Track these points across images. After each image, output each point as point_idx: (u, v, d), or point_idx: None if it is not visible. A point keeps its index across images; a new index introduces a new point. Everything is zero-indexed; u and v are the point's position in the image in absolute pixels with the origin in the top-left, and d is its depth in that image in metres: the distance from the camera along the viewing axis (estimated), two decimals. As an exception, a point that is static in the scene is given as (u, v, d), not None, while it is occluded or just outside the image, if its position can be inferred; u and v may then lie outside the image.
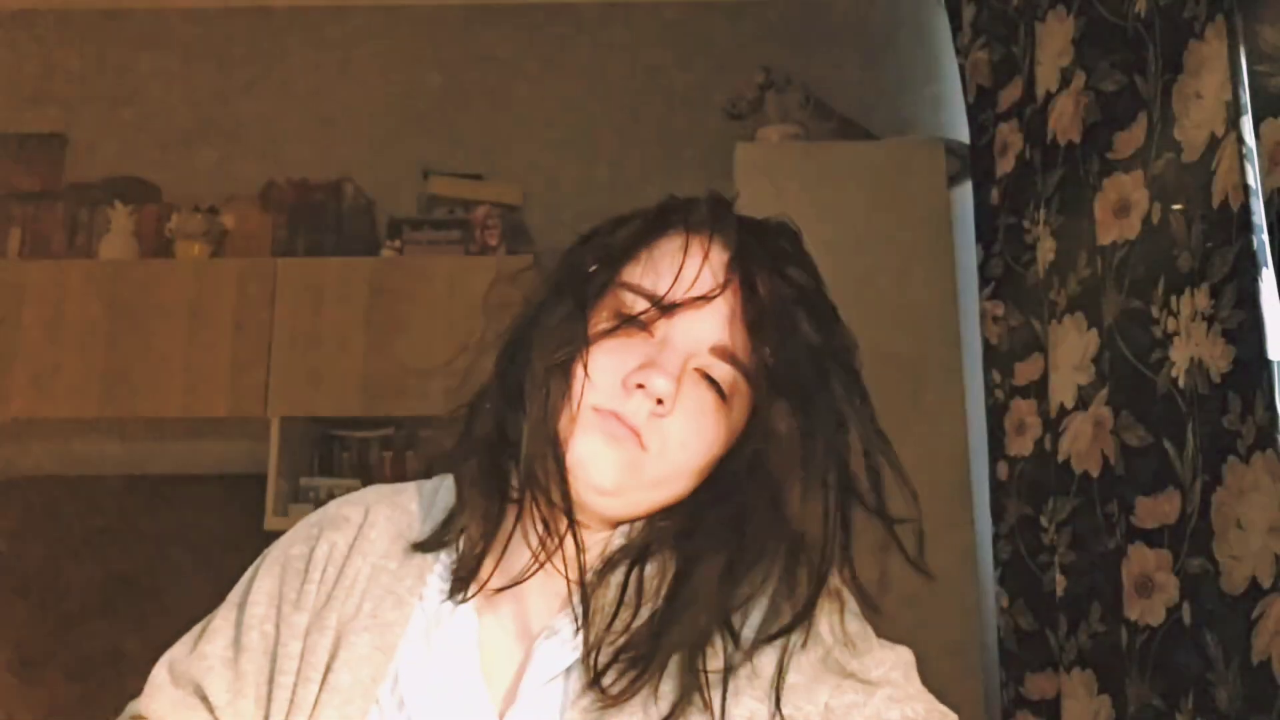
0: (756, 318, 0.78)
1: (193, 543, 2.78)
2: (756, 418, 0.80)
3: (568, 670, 0.76)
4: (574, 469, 0.77)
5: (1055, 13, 1.92)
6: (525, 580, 0.78)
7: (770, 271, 0.80)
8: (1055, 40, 1.91)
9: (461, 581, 0.79)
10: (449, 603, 0.80)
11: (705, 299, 0.78)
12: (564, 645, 0.77)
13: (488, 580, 0.79)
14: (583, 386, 0.77)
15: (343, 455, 2.76)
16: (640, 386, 0.76)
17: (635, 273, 0.80)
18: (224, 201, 2.84)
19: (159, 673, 0.81)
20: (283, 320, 2.68)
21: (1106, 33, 1.76)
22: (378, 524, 0.85)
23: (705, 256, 0.80)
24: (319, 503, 2.57)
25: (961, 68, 2.35)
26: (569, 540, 0.77)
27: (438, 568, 0.82)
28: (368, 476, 2.69)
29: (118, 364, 2.65)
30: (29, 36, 3.01)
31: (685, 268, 0.79)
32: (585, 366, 0.77)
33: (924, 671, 0.79)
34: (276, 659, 0.78)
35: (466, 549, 0.81)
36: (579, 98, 2.97)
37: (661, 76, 2.95)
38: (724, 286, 0.79)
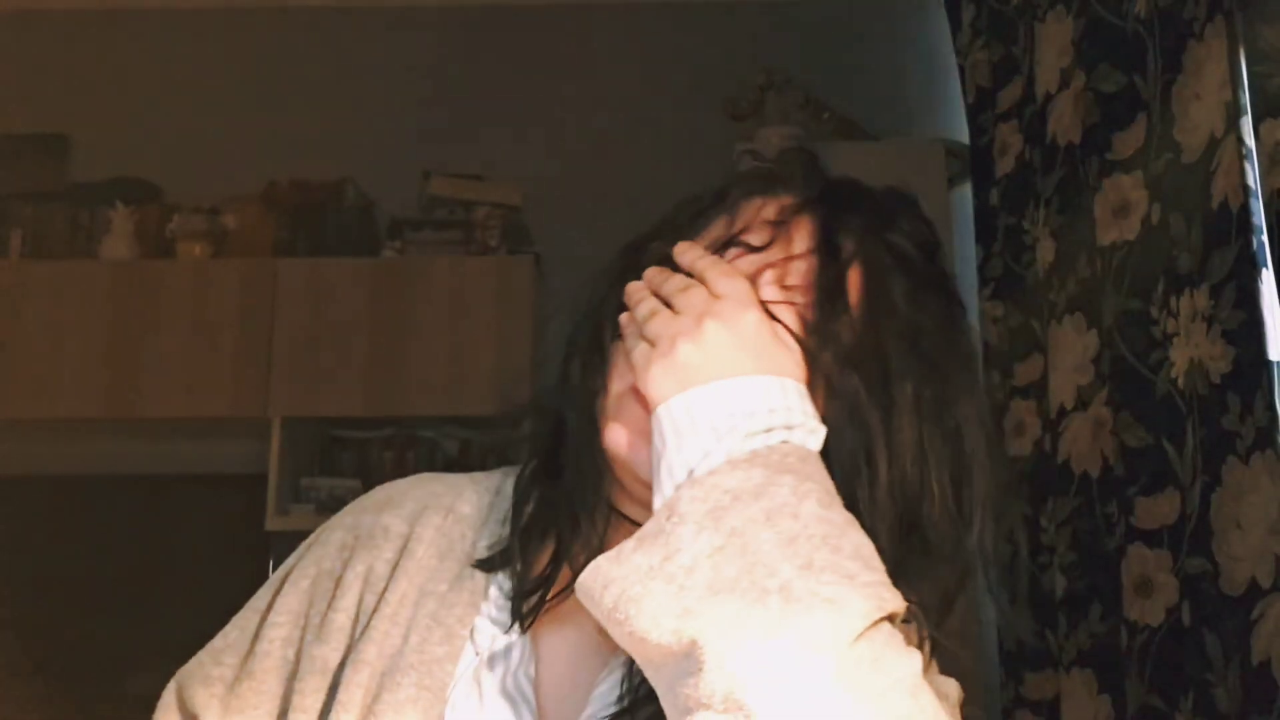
0: (835, 284, 0.67)
1: (193, 543, 2.78)
2: (833, 398, 0.66)
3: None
4: (615, 459, 0.67)
5: (1055, 13, 1.92)
6: (559, 598, 0.69)
7: (867, 235, 0.70)
8: (1055, 41, 1.91)
9: (520, 611, 0.69)
10: (504, 636, 0.70)
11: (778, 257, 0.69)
12: (615, 689, 0.67)
13: (546, 605, 0.69)
14: (621, 365, 0.68)
15: (344, 455, 2.76)
16: None
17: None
18: (225, 202, 2.84)
19: (168, 693, 0.75)
20: (283, 320, 2.68)
21: (1106, 33, 1.76)
22: (425, 538, 0.74)
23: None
24: (320, 503, 2.62)
25: (961, 68, 2.35)
26: None
27: (493, 591, 0.72)
28: (369, 476, 2.69)
29: (118, 364, 2.65)
30: (29, 36, 3.01)
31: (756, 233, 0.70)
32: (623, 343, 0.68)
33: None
34: (293, 695, 0.70)
35: (525, 570, 0.70)
36: (579, 98, 2.97)
37: (661, 76, 2.96)
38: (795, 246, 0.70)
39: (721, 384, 0.63)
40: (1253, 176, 1.43)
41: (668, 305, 0.67)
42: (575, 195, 2.82)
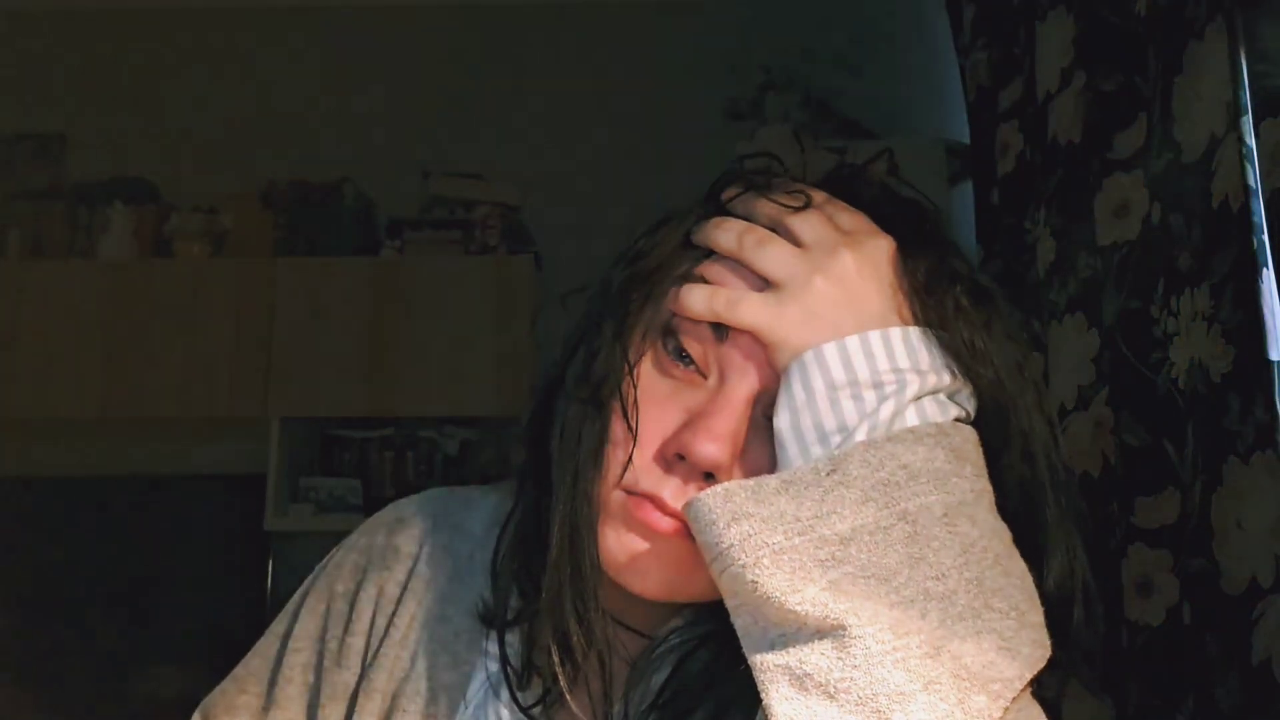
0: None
1: (193, 543, 2.78)
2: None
3: None
4: (608, 569, 0.59)
5: (1055, 12, 1.91)
6: (555, 697, 0.62)
7: None
8: (1055, 40, 1.91)
9: (519, 679, 0.64)
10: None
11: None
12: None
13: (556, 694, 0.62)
14: (611, 459, 0.59)
15: (343, 455, 2.76)
16: (681, 457, 0.57)
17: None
18: (223, 201, 2.84)
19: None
20: (283, 320, 2.68)
21: (1107, 33, 1.76)
22: (434, 558, 0.70)
23: None
24: (319, 503, 2.62)
25: (961, 68, 2.35)
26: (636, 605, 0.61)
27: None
28: (368, 476, 2.69)
29: (118, 364, 2.65)
30: (29, 36, 3.01)
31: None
32: (628, 421, 0.59)
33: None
34: None
35: (530, 639, 0.63)
36: (579, 98, 2.97)
37: (661, 76, 2.95)
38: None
39: (879, 334, 0.55)
40: (1253, 176, 1.43)
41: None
42: (575, 195, 2.82)
